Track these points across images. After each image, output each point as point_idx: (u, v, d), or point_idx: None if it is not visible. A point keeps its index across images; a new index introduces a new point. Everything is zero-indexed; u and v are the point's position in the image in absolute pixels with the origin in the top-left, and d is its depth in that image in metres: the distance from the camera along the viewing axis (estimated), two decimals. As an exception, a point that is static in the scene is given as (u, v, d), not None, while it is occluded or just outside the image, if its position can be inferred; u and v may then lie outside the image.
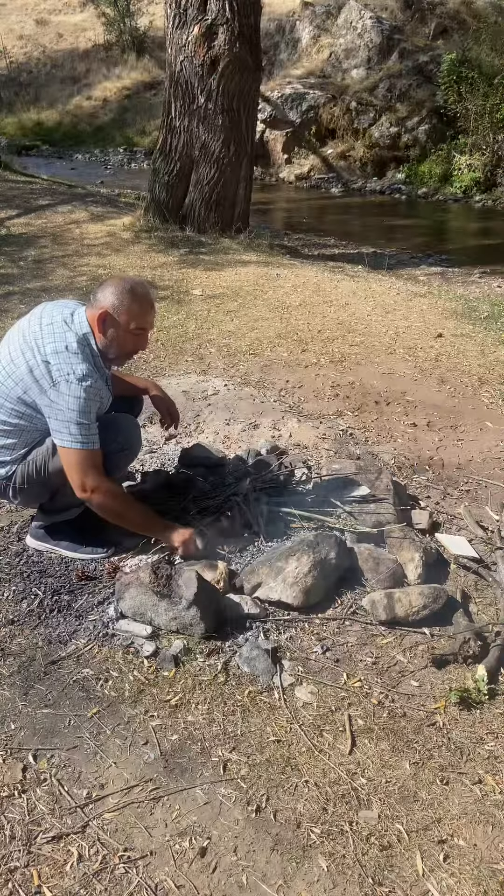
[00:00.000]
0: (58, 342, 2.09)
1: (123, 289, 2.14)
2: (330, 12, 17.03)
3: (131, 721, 1.82)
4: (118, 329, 2.15)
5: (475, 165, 13.82)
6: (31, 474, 2.23)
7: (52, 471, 2.20)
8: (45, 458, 2.20)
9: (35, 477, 2.23)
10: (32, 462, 2.22)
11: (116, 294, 2.13)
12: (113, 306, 2.13)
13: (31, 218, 8.06)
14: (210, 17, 6.95)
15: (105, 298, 2.14)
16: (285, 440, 3.29)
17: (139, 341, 2.22)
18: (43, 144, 18.37)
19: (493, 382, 4.12)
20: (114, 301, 2.13)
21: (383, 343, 4.69)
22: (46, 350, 2.08)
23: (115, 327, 2.14)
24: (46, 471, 2.21)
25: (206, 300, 5.47)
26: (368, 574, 2.33)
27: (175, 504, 2.57)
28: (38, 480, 2.23)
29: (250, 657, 2.00)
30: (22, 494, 2.29)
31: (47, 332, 2.12)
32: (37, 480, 2.23)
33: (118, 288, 2.14)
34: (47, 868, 1.48)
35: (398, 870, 1.51)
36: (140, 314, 2.17)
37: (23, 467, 2.23)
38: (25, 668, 1.98)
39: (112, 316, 2.13)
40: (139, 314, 2.16)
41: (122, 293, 2.13)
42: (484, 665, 1.99)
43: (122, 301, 2.13)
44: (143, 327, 2.20)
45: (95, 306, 2.15)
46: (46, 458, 2.20)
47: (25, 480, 2.24)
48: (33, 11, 23.17)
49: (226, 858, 1.51)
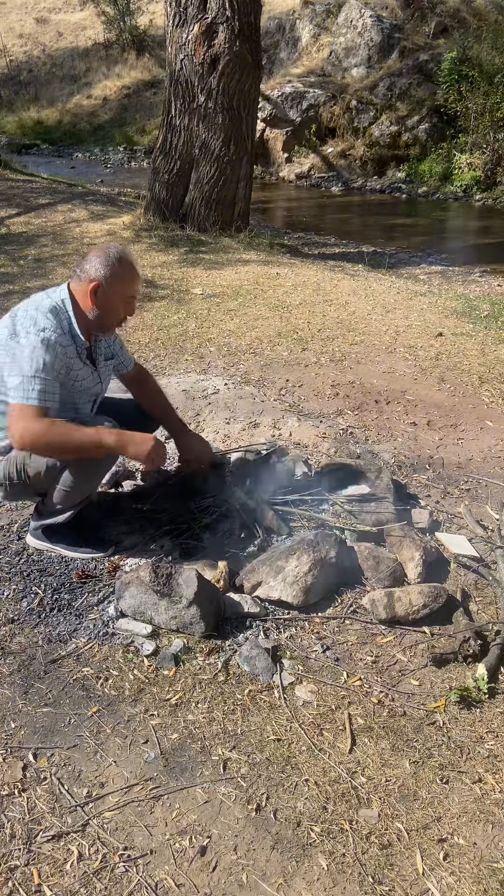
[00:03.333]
0: (29, 305, 2.14)
1: (111, 259, 2.17)
2: (330, 11, 17.01)
3: (131, 720, 1.82)
4: (111, 299, 2.17)
5: (475, 164, 13.81)
6: (11, 473, 2.21)
7: (31, 473, 2.18)
8: (24, 458, 2.17)
9: (16, 477, 2.20)
10: (14, 460, 2.19)
11: (105, 265, 2.16)
12: (104, 277, 2.15)
13: (31, 217, 8.05)
14: (210, 15, 6.95)
15: (95, 270, 2.16)
16: (285, 439, 3.29)
17: (129, 308, 2.26)
18: (43, 143, 18.37)
19: (493, 381, 4.12)
20: (104, 272, 2.15)
21: (383, 342, 4.69)
22: (17, 313, 2.13)
23: (108, 297, 2.17)
24: (26, 473, 2.18)
25: (206, 299, 5.47)
26: (368, 573, 2.33)
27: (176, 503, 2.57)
28: (19, 480, 2.21)
29: (250, 656, 2.00)
30: (4, 490, 2.27)
31: (24, 303, 2.17)
32: (18, 480, 2.21)
33: (106, 259, 2.17)
34: (47, 867, 1.48)
35: (398, 868, 1.51)
36: (131, 282, 2.21)
37: (6, 463, 2.21)
38: (25, 667, 1.98)
39: (104, 287, 2.15)
40: (129, 282, 2.21)
41: (111, 263, 2.16)
42: (484, 664, 1.99)
43: (113, 271, 2.16)
44: (133, 295, 2.24)
45: (84, 279, 2.17)
46: (25, 458, 2.17)
47: (7, 478, 2.22)
48: (33, 10, 23.14)
49: (226, 857, 1.52)
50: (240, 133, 7.49)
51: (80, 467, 2.17)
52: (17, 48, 21.83)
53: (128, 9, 19.88)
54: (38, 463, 2.15)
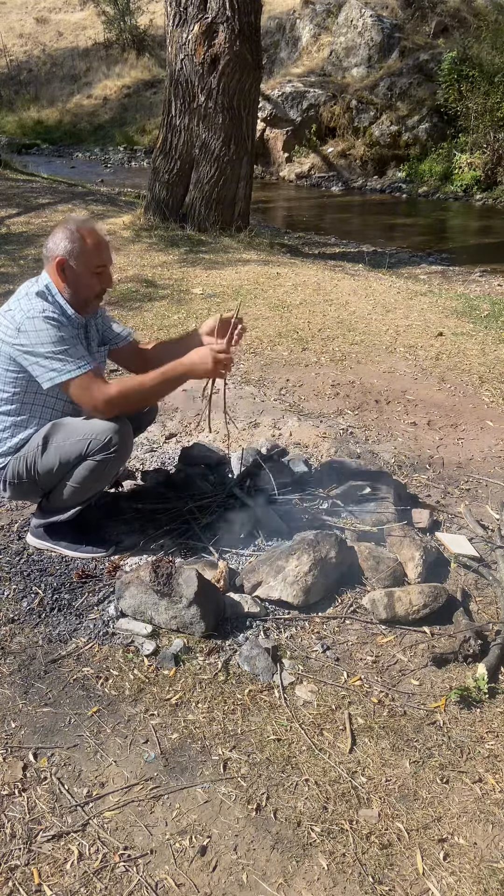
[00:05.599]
0: (20, 294, 2.12)
1: (72, 232, 2.12)
2: (330, 10, 17.02)
3: (131, 720, 1.82)
4: (79, 273, 2.13)
5: (476, 164, 13.82)
6: (20, 472, 2.21)
7: (41, 471, 2.18)
8: (35, 456, 2.18)
9: (25, 475, 2.21)
10: (23, 458, 2.20)
11: (66, 238, 2.11)
12: (67, 251, 2.11)
13: (32, 216, 8.06)
14: (210, 15, 6.95)
15: (57, 246, 2.11)
16: (286, 439, 3.28)
17: (103, 279, 2.20)
18: (43, 143, 18.39)
19: (493, 381, 4.12)
20: (67, 245, 2.11)
21: (384, 342, 4.69)
22: (11, 303, 2.11)
23: (76, 271, 2.13)
24: (36, 470, 2.19)
25: (207, 299, 5.47)
26: (369, 573, 2.33)
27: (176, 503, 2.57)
28: (28, 478, 2.22)
29: (250, 656, 2.00)
30: (12, 489, 2.28)
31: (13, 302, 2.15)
32: (27, 479, 2.22)
33: (66, 232, 2.12)
34: (47, 866, 1.48)
35: (398, 868, 1.51)
36: (96, 252, 2.15)
37: (14, 462, 2.21)
38: (26, 667, 1.98)
39: (69, 262, 2.11)
40: (95, 252, 2.15)
41: (72, 236, 2.11)
42: (484, 664, 1.99)
43: (75, 244, 2.11)
44: (102, 264, 2.18)
45: (50, 257, 2.13)
46: (36, 457, 2.18)
47: (15, 476, 2.22)
48: (33, 10, 23.15)
49: (226, 857, 1.52)
50: (240, 133, 7.50)
51: (92, 466, 2.16)
52: (18, 48, 21.84)
53: (128, 8, 19.89)
54: (50, 460, 2.16)
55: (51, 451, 2.16)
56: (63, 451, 2.15)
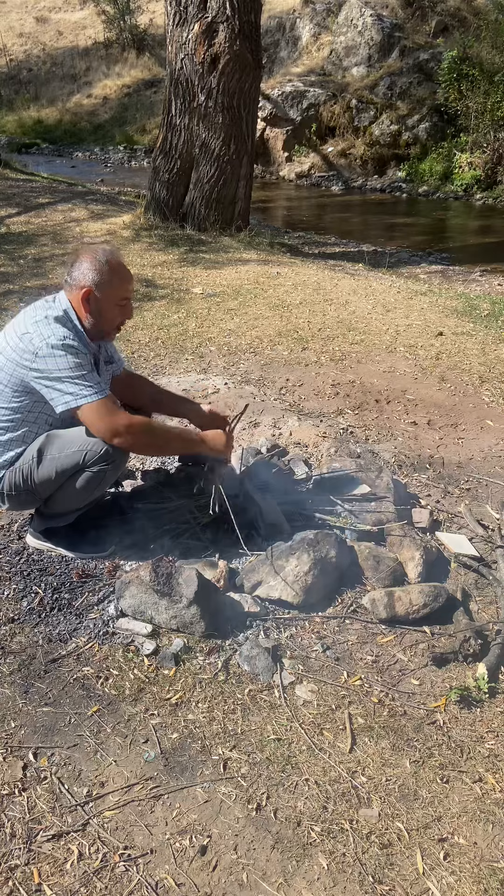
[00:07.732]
0: (38, 315, 2.10)
1: (102, 264, 2.12)
2: (330, 10, 17.01)
3: (131, 719, 1.82)
4: (104, 304, 2.14)
5: (476, 163, 13.82)
6: (17, 483, 2.21)
7: (38, 481, 2.18)
8: (31, 466, 2.17)
9: (22, 485, 2.21)
10: (19, 470, 2.20)
11: (95, 270, 2.12)
12: (95, 283, 2.11)
13: (31, 216, 8.05)
14: (210, 14, 6.94)
15: (84, 276, 2.12)
16: (286, 439, 3.28)
17: (125, 311, 2.22)
18: (43, 142, 18.39)
19: (493, 381, 4.11)
20: (95, 277, 2.11)
21: (384, 341, 4.69)
22: (28, 324, 2.09)
23: (101, 303, 2.13)
24: (32, 480, 2.19)
25: (207, 298, 5.47)
26: (369, 572, 2.33)
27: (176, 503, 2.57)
28: (24, 489, 2.21)
29: (251, 655, 2.00)
30: (10, 500, 2.28)
31: (28, 313, 2.14)
32: (24, 489, 2.22)
33: (95, 263, 2.12)
34: (47, 866, 1.48)
35: (398, 868, 1.51)
36: (123, 285, 2.17)
37: (10, 474, 2.21)
38: (26, 667, 1.98)
39: (94, 293, 2.12)
40: (122, 286, 2.17)
41: (101, 268, 2.12)
42: (484, 663, 1.99)
43: (104, 276, 2.12)
44: (127, 297, 2.20)
45: (75, 286, 2.13)
46: (32, 467, 2.17)
47: (12, 487, 2.22)
48: (33, 9, 23.14)
49: (226, 856, 1.52)
50: (240, 132, 7.49)
51: (90, 476, 2.16)
52: (17, 47, 21.84)
53: (128, 8, 19.88)
54: (47, 472, 2.16)
55: (46, 464, 2.16)
56: (59, 463, 2.15)
